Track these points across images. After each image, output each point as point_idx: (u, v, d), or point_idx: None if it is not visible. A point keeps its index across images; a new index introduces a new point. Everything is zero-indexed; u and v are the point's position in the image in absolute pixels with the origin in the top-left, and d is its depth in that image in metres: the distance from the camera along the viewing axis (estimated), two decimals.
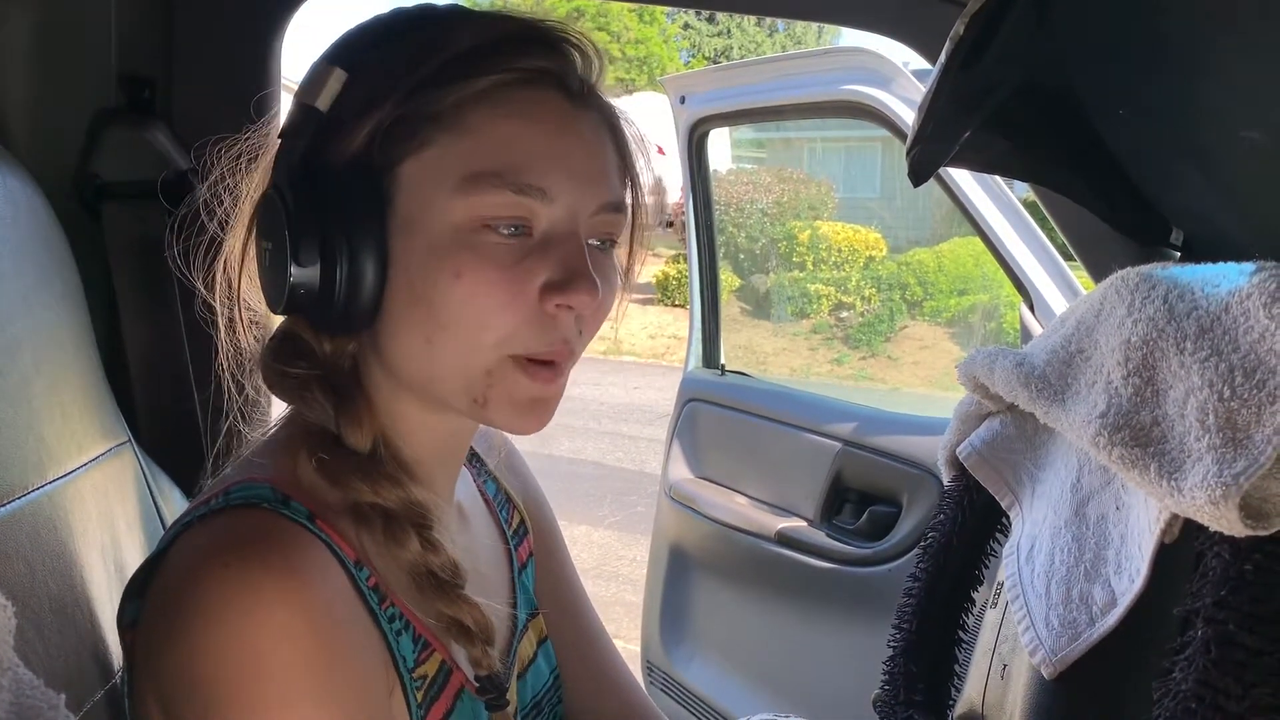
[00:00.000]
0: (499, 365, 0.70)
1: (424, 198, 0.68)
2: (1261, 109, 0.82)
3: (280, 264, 0.68)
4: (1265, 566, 0.65)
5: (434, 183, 0.68)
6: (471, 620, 0.72)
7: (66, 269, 0.95)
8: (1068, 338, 0.90)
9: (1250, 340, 0.69)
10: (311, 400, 0.71)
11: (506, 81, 0.69)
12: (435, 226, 0.68)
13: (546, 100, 0.70)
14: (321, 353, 0.73)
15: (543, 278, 0.69)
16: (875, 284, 10.64)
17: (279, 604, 0.61)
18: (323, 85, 0.68)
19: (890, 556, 1.96)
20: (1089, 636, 0.80)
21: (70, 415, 0.89)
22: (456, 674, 0.74)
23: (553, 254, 0.69)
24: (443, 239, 0.67)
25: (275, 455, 0.73)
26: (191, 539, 0.67)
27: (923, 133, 0.90)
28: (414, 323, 0.69)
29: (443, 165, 0.68)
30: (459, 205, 0.67)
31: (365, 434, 0.71)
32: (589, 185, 0.71)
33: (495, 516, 0.93)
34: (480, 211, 0.67)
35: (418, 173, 0.68)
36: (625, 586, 4.52)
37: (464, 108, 0.68)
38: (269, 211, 0.70)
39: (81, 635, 0.80)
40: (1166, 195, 1.04)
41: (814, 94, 2.13)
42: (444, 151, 0.68)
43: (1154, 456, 0.71)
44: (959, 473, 1.07)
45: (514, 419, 0.72)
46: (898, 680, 1.06)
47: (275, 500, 0.68)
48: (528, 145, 0.68)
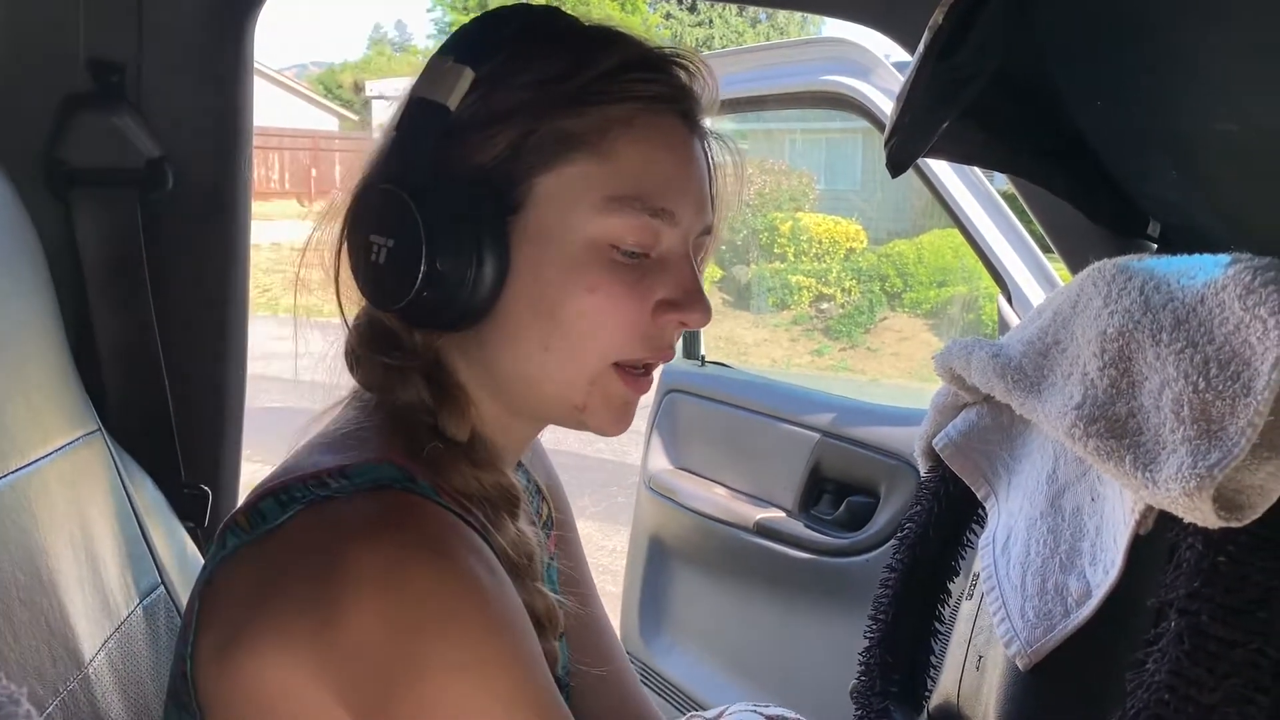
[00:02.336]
0: (603, 373, 0.74)
1: (562, 212, 0.71)
2: (1237, 101, 0.82)
3: (404, 263, 0.68)
4: (1238, 558, 0.65)
5: (573, 199, 0.71)
6: (543, 610, 0.75)
7: (33, 256, 0.94)
8: (1044, 329, 0.90)
9: (1225, 332, 0.69)
10: (410, 389, 0.73)
11: (641, 109, 0.72)
12: (571, 241, 0.71)
13: (671, 126, 0.74)
14: (412, 344, 0.74)
15: (660, 295, 0.73)
16: (856, 275, 10.67)
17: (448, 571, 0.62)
18: (451, 83, 0.69)
19: (868, 547, 1.97)
20: (1064, 628, 0.81)
21: (36, 404, 0.88)
22: None
23: (670, 274, 0.74)
24: (578, 253, 0.71)
25: (375, 437, 0.73)
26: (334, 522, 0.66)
27: (900, 123, 0.89)
28: (534, 329, 0.72)
29: (584, 184, 0.70)
30: (597, 223, 0.70)
31: (464, 423, 0.74)
32: (701, 209, 0.76)
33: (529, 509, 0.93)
34: (616, 231, 0.71)
35: (557, 188, 0.71)
36: (605, 577, 4.52)
37: (607, 130, 0.71)
38: (387, 208, 0.70)
39: (51, 626, 0.79)
40: (1143, 187, 1.04)
41: (794, 84, 2.12)
42: (586, 171, 0.70)
43: (1129, 448, 0.71)
44: (935, 464, 1.07)
45: (608, 423, 0.76)
46: (874, 671, 1.06)
47: (403, 479, 0.69)
48: (660, 171, 0.72)
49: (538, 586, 0.74)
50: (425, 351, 0.74)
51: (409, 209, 0.68)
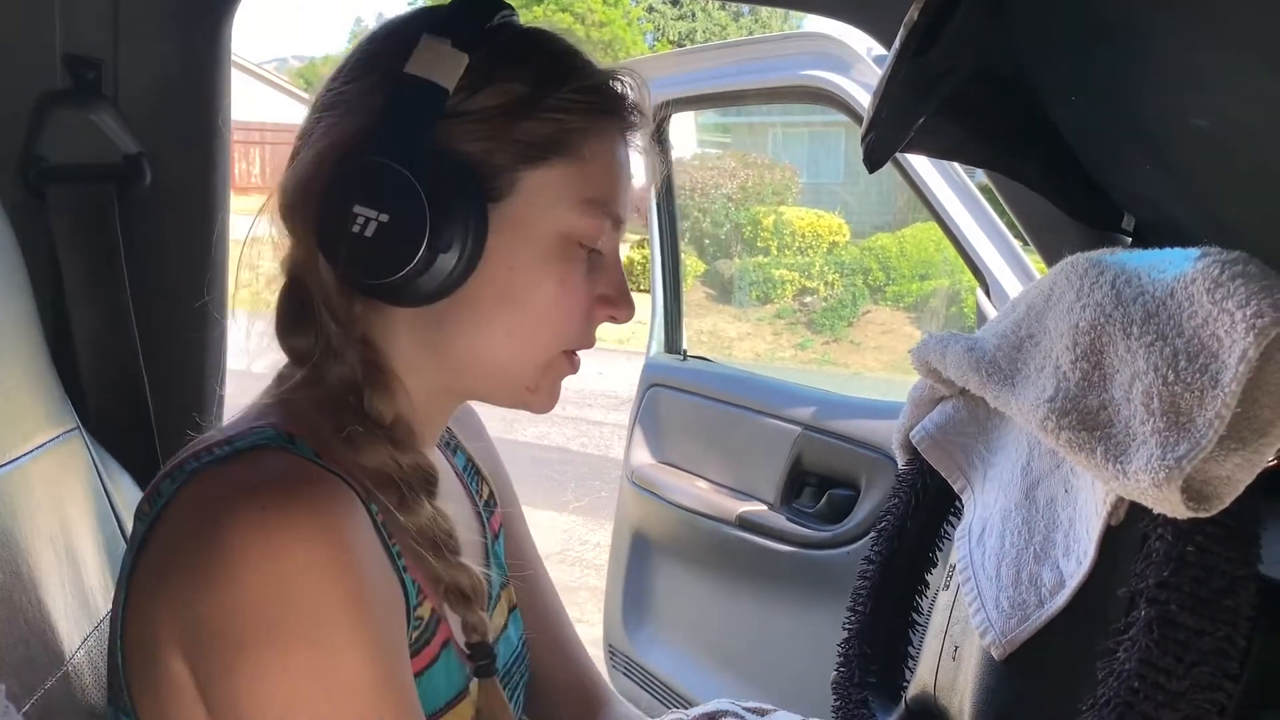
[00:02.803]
0: (556, 359, 0.79)
1: (542, 207, 0.74)
2: (1210, 97, 0.83)
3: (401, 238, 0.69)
4: (1206, 548, 0.66)
5: (554, 197, 0.74)
6: (470, 584, 0.75)
7: (9, 253, 0.93)
8: (1018, 323, 0.91)
9: (1194, 325, 0.70)
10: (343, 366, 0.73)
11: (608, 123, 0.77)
12: (545, 234, 0.75)
13: (619, 141, 0.79)
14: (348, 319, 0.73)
15: (600, 290, 0.79)
16: (838, 269, 10.70)
17: (317, 540, 0.62)
18: (450, 67, 0.71)
19: (848, 539, 1.98)
20: (1037, 618, 0.82)
21: (14, 402, 0.88)
22: (444, 625, 0.76)
23: (609, 271, 0.80)
24: (551, 247, 0.75)
25: (270, 409, 0.74)
26: (208, 485, 0.67)
27: (878, 118, 0.90)
28: (500, 315, 0.75)
29: (565, 184, 0.74)
30: (570, 221, 0.75)
31: (390, 404, 0.74)
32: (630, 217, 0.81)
33: (467, 489, 0.95)
34: (585, 230, 0.76)
35: (540, 183, 0.74)
36: (589, 571, 4.53)
37: (586, 137, 0.75)
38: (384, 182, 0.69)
39: (30, 624, 0.79)
40: (1118, 181, 1.05)
41: (775, 79, 2.13)
42: (566, 172, 0.74)
43: (1100, 440, 0.72)
44: (913, 456, 1.08)
45: (548, 401, 0.81)
46: (853, 662, 1.07)
47: (281, 439, 0.70)
48: (617, 179, 0.78)
49: (460, 561, 0.75)
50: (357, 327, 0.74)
51: (411, 185, 0.69)
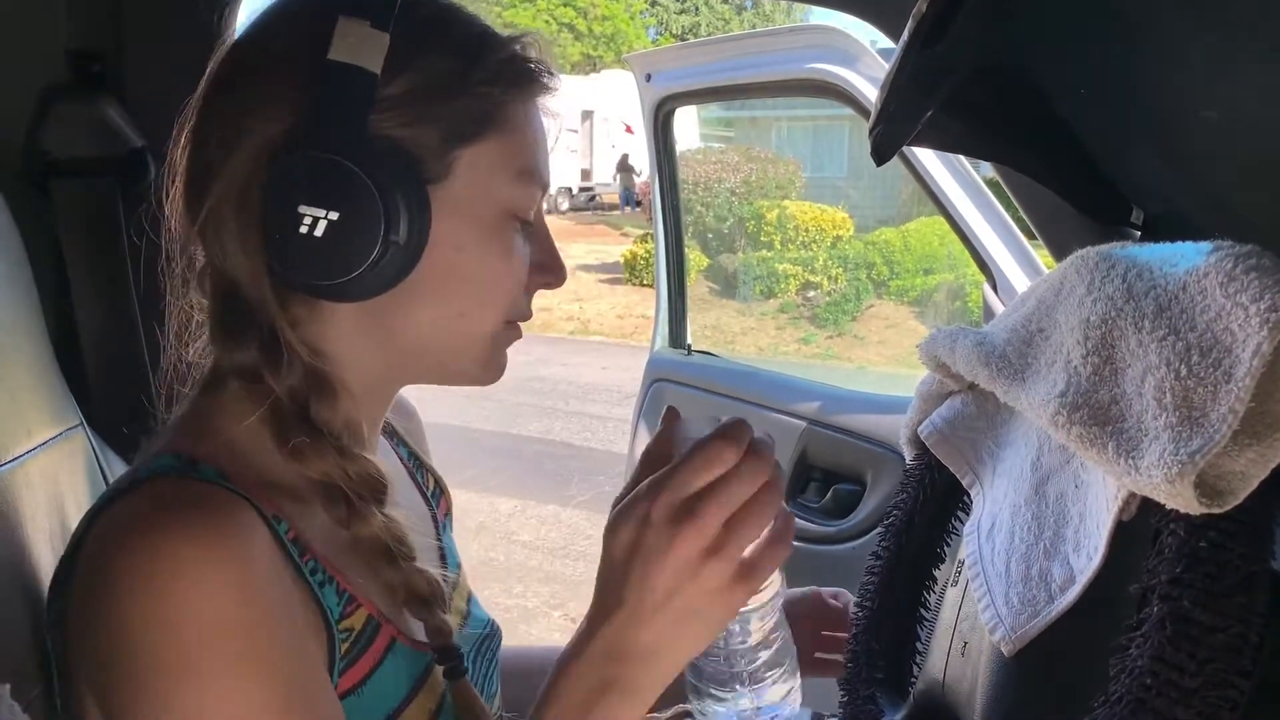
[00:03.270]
0: (501, 331, 0.78)
1: (481, 185, 0.73)
2: (1219, 89, 0.82)
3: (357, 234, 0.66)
4: (1219, 544, 0.65)
5: (491, 172, 0.73)
6: (427, 588, 0.74)
7: (13, 248, 0.93)
8: (1028, 317, 0.90)
9: (1207, 319, 0.69)
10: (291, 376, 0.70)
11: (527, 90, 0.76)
12: (487, 210, 0.74)
13: (542, 109, 0.79)
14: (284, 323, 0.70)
15: (534, 258, 0.79)
16: (842, 263, 10.69)
17: (205, 566, 0.61)
18: (374, 51, 0.67)
19: (854, 534, 1.97)
20: (1047, 614, 0.81)
21: (17, 399, 0.87)
22: (386, 627, 0.74)
23: (538, 240, 0.79)
24: (494, 223, 0.74)
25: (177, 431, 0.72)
26: (107, 520, 0.66)
27: (885, 111, 0.89)
28: (451, 298, 0.74)
29: (501, 158, 0.74)
30: (508, 194, 0.74)
31: (338, 412, 0.72)
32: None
33: (414, 480, 0.94)
34: (522, 202, 0.75)
35: (481, 159, 0.73)
36: (593, 566, 4.50)
37: (513, 109, 0.75)
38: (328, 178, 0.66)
39: (29, 624, 0.79)
40: (1126, 175, 1.04)
41: (780, 72, 2.13)
42: (498, 145, 0.73)
43: (1112, 435, 0.72)
44: (921, 451, 1.08)
45: (493, 373, 0.80)
46: (860, 658, 1.06)
47: (181, 466, 0.68)
48: (542, 145, 0.78)
49: (414, 566, 0.74)
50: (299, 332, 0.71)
51: (360, 179, 0.66)
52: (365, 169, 0.67)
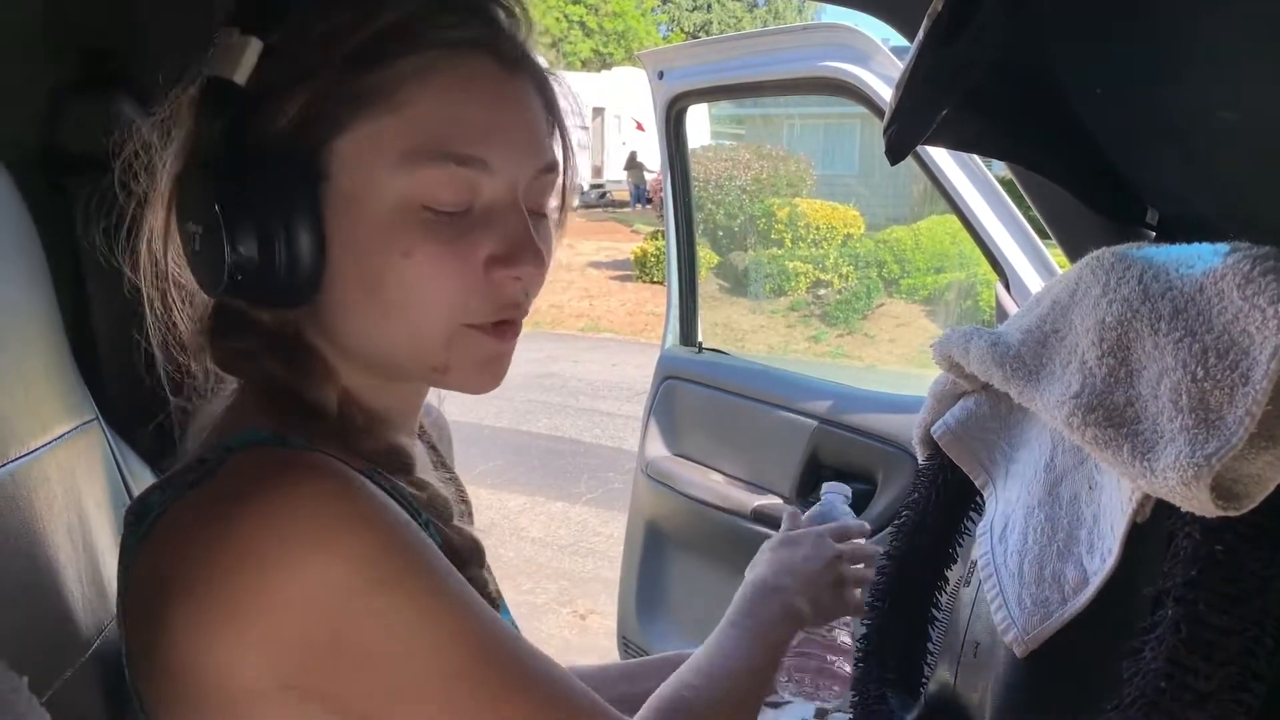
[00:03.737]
0: (457, 333, 0.71)
1: (363, 175, 0.67)
2: (1237, 89, 0.82)
3: (213, 248, 0.66)
4: (1235, 547, 0.65)
5: (371, 160, 0.67)
6: (463, 545, 0.75)
7: (29, 244, 0.93)
8: (1043, 317, 0.90)
9: (1224, 321, 0.69)
10: (264, 371, 0.71)
11: (439, 55, 0.67)
12: (378, 205, 0.67)
13: (480, 70, 0.69)
14: (263, 324, 0.72)
15: (487, 250, 0.69)
16: (853, 261, 10.66)
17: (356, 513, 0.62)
18: (238, 56, 0.66)
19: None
20: (1060, 615, 0.81)
21: (34, 393, 0.88)
22: None
23: (496, 226, 0.70)
24: (387, 217, 0.67)
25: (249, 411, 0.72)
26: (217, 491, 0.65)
27: (900, 110, 0.89)
28: (365, 303, 0.69)
29: (380, 142, 0.66)
30: (401, 182, 0.67)
31: (330, 394, 0.72)
32: (527, 153, 0.71)
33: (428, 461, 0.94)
34: (424, 189, 0.67)
35: (353, 150, 0.67)
36: (602, 562, 4.53)
37: (397, 84, 0.66)
38: (193, 193, 0.68)
39: (49, 615, 0.79)
40: (1142, 175, 1.04)
41: (793, 70, 2.12)
42: (378, 128, 0.66)
43: (1127, 437, 0.72)
44: (933, 451, 1.07)
45: (474, 380, 0.73)
46: (871, 658, 1.06)
47: (275, 439, 0.68)
48: (466, 117, 0.68)
49: (455, 525, 0.75)
50: (279, 330, 0.72)
51: (207, 193, 0.66)
52: (219, 180, 0.66)
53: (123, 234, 0.77)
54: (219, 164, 0.66)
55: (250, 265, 0.66)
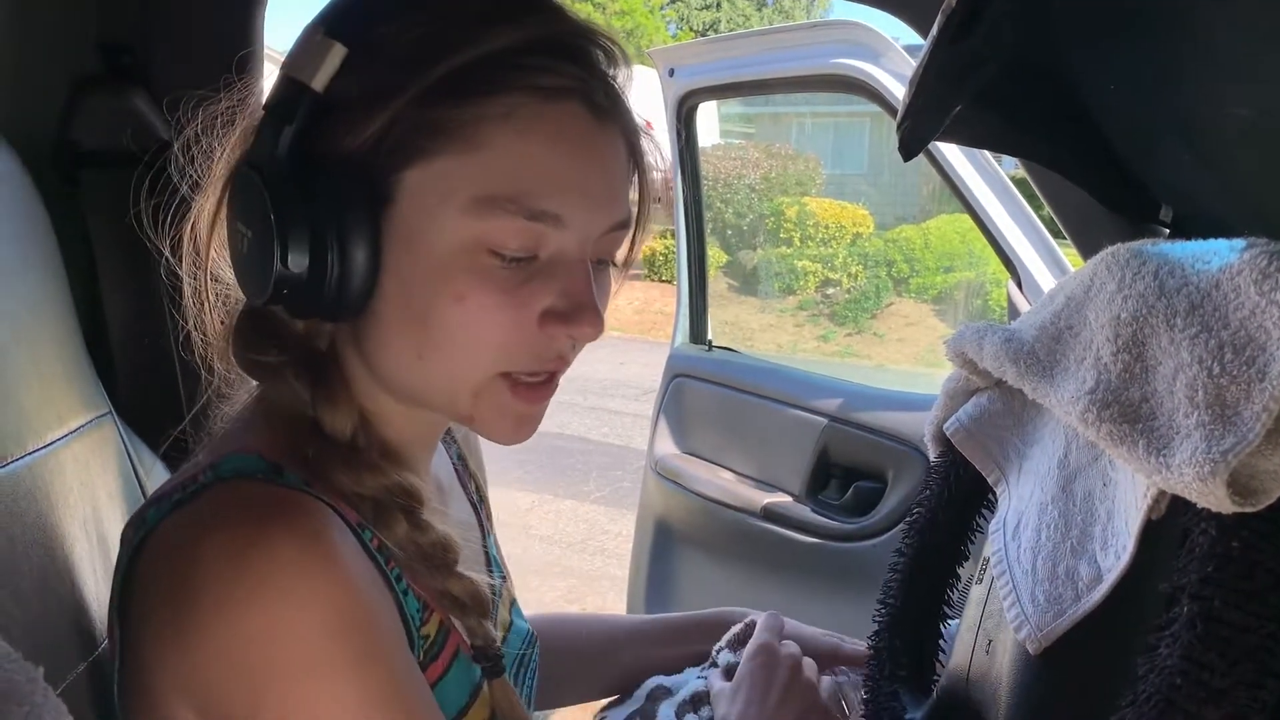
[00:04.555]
0: (489, 384, 0.69)
1: (428, 211, 0.64)
2: (1251, 86, 0.82)
3: (263, 256, 0.64)
4: (1251, 544, 0.65)
5: (441, 197, 0.64)
6: (464, 593, 0.72)
7: (45, 238, 0.94)
8: (1057, 314, 0.90)
9: (1240, 317, 0.69)
10: (286, 385, 0.69)
11: (528, 100, 0.64)
12: (439, 244, 0.64)
13: (569, 119, 0.66)
14: (295, 332, 0.71)
15: (545, 303, 0.67)
16: (862, 260, 10.66)
17: (309, 568, 0.60)
18: (319, 61, 0.63)
19: (875, 532, 1.97)
20: (1074, 612, 0.81)
21: (50, 386, 0.88)
22: (454, 635, 0.74)
23: (557, 280, 0.67)
24: (445, 258, 0.65)
25: (256, 430, 0.71)
26: (192, 517, 0.64)
27: (913, 107, 0.89)
28: (406, 335, 0.67)
29: (452, 181, 0.64)
30: (466, 226, 0.64)
31: (345, 419, 0.69)
32: (603, 209, 0.69)
33: (464, 485, 0.93)
34: (489, 237, 0.64)
35: (424, 183, 0.64)
36: (611, 561, 4.54)
37: (481, 124, 0.63)
38: (250, 195, 0.65)
39: (63, 608, 0.80)
40: (1156, 172, 1.03)
41: (804, 68, 2.12)
42: (454, 166, 0.64)
43: (1142, 433, 0.71)
44: (945, 448, 1.07)
45: (500, 434, 0.72)
46: (883, 654, 1.06)
47: (268, 470, 0.66)
48: (545, 168, 0.65)
49: (456, 572, 0.72)
50: (311, 341, 0.71)
51: (266, 199, 0.63)
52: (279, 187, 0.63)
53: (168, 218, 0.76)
54: (282, 170, 0.64)
55: (298, 280, 0.64)
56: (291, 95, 0.64)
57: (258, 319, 0.71)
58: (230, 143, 0.72)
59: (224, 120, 0.73)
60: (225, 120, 0.73)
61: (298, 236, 0.63)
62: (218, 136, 0.72)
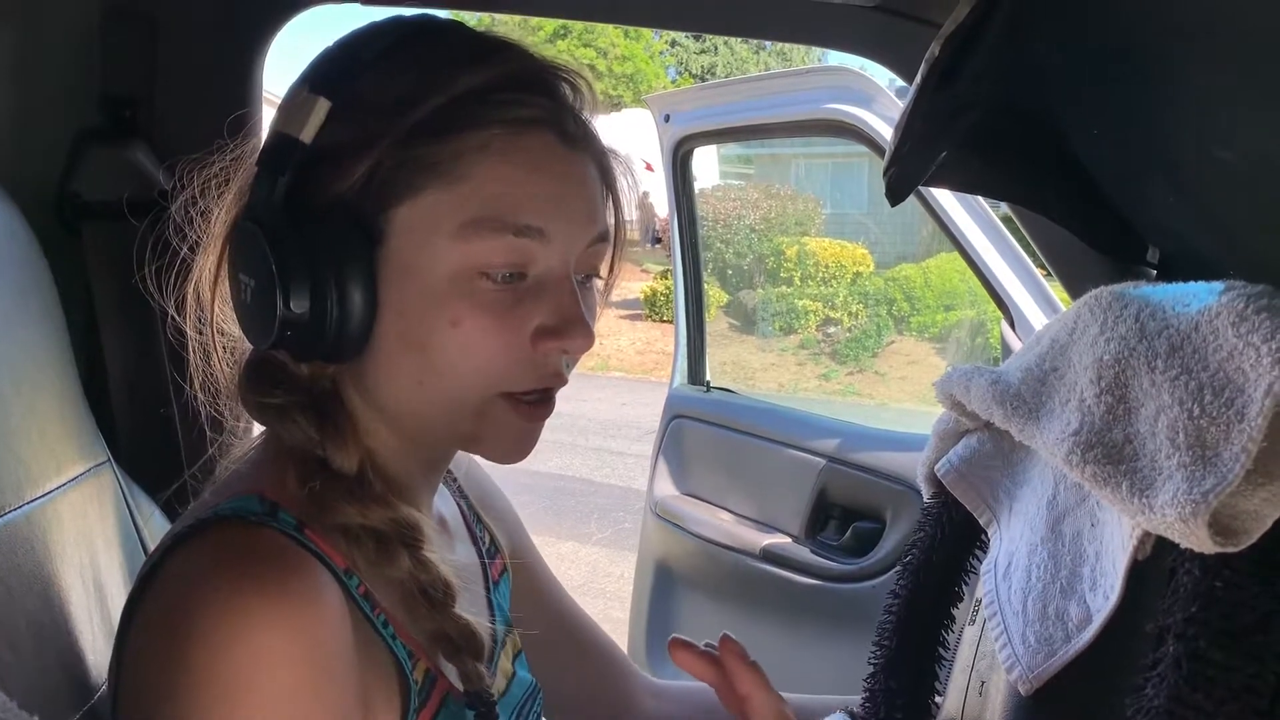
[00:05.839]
0: (489, 405, 0.72)
1: (418, 244, 0.68)
2: (1234, 129, 0.83)
3: (265, 302, 0.67)
4: (1234, 583, 0.65)
5: (429, 229, 0.68)
6: (458, 633, 0.73)
7: (45, 288, 0.95)
8: (1042, 356, 0.91)
9: (1219, 359, 0.70)
10: (293, 426, 0.71)
11: (503, 132, 0.69)
12: (431, 273, 0.68)
13: (542, 147, 0.70)
14: (300, 376, 0.73)
15: (536, 321, 0.71)
16: (862, 299, 10.68)
17: (269, 629, 0.60)
18: (306, 115, 0.68)
19: (874, 573, 1.97)
20: (1064, 653, 0.81)
21: (49, 435, 0.89)
22: (441, 680, 0.74)
23: (547, 298, 0.71)
24: (438, 286, 0.68)
25: (260, 469, 0.73)
26: (182, 556, 0.66)
27: (899, 153, 0.90)
28: (405, 365, 0.70)
29: (438, 212, 0.68)
30: (456, 252, 0.68)
31: (351, 456, 0.72)
32: (582, 224, 0.73)
33: (471, 532, 0.94)
34: (479, 258, 0.68)
35: (412, 219, 0.68)
36: (612, 603, 4.51)
37: (460, 158, 0.68)
38: (249, 246, 0.69)
39: (59, 656, 0.80)
40: (1142, 214, 1.05)
41: (797, 112, 2.15)
42: (439, 199, 0.68)
43: (1126, 474, 0.72)
44: (938, 490, 1.08)
45: (502, 454, 0.75)
46: (878, 697, 1.06)
47: (263, 511, 0.68)
48: (524, 190, 0.69)
49: (452, 612, 0.73)
50: (315, 383, 0.73)
51: (264, 248, 0.67)
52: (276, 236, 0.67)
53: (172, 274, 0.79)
54: (278, 220, 0.67)
55: (300, 322, 0.67)
56: (282, 149, 0.68)
57: (263, 365, 0.74)
58: (227, 202, 0.76)
59: (219, 181, 0.77)
60: (220, 181, 0.77)
61: (298, 279, 0.66)
62: (214, 197, 0.76)
